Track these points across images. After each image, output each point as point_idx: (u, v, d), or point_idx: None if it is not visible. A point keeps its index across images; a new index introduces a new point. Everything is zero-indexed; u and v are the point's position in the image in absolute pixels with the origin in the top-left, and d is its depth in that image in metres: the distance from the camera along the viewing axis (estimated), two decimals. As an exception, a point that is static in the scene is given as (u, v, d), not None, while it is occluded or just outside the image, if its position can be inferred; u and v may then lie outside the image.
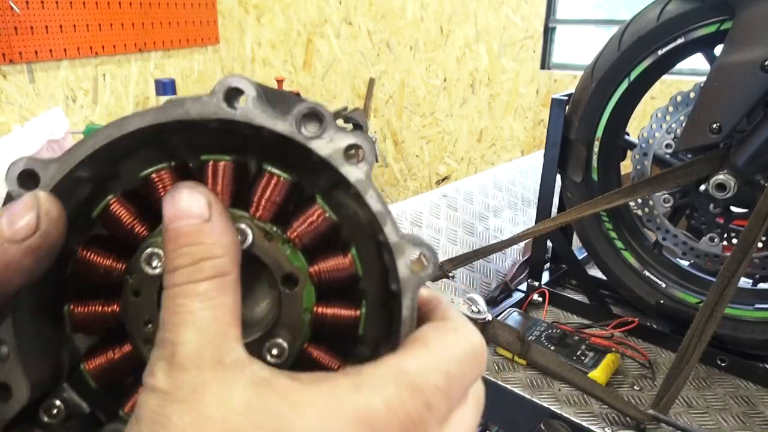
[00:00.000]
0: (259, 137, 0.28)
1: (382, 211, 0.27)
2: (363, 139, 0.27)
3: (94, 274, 0.29)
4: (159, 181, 0.29)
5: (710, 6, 1.05)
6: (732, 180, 1.05)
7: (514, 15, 2.93)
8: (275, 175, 0.29)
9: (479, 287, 1.38)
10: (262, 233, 0.28)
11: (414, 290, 0.27)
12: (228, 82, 0.26)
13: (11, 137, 2.16)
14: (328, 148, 0.27)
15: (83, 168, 0.27)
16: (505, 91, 3.04)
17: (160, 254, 0.28)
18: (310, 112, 0.27)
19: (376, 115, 3.40)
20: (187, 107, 0.26)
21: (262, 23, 3.54)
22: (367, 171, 0.27)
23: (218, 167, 0.29)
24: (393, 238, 0.27)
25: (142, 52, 2.92)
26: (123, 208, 0.29)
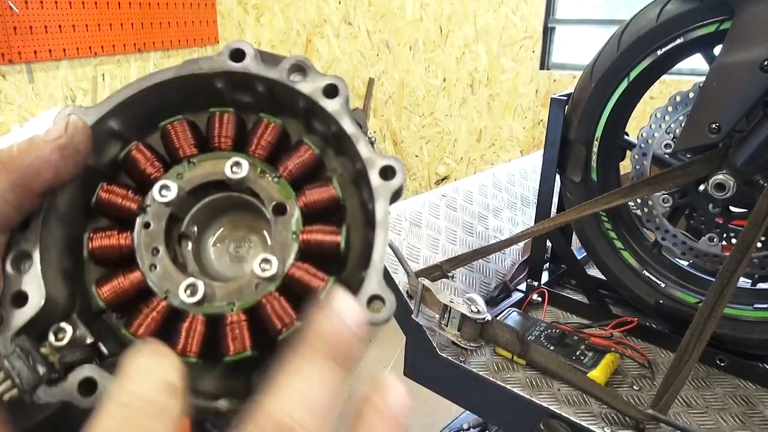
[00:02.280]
0: (257, 98, 0.34)
1: (355, 133, 0.32)
2: (338, 79, 0.32)
3: (111, 208, 0.34)
4: (173, 129, 0.34)
5: (709, 6, 1.05)
6: (731, 180, 1.06)
7: (514, 15, 2.93)
8: (269, 120, 0.34)
9: (479, 287, 1.38)
10: (256, 170, 0.33)
11: (385, 196, 0.30)
12: (232, 44, 0.33)
13: (10, 137, 2.16)
14: (309, 87, 0.32)
15: (115, 118, 0.33)
16: (505, 91, 3.04)
17: (171, 185, 0.32)
18: (297, 63, 0.32)
19: (376, 115, 3.40)
20: (201, 63, 0.33)
21: (262, 23, 3.54)
22: (342, 102, 0.32)
23: (223, 116, 0.34)
24: (365, 153, 0.31)
25: (142, 53, 2.92)
26: (140, 154, 0.34)
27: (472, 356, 1.15)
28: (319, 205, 0.33)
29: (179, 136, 0.34)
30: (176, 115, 0.35)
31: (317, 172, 0.34)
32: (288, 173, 0.33)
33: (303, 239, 0.32)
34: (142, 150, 0.34)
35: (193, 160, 0.34)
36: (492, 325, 1.11)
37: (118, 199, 0.33)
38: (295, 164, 0.33)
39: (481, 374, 1.10)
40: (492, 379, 1.09)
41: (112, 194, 0.34)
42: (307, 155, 0.34)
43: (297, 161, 0.33)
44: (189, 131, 0.34)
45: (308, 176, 0.34)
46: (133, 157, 0.34)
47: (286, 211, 0.32)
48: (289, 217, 0.32)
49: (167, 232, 0.33)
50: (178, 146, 0.34)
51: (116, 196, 0.33)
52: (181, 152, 0.34)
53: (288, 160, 0.33)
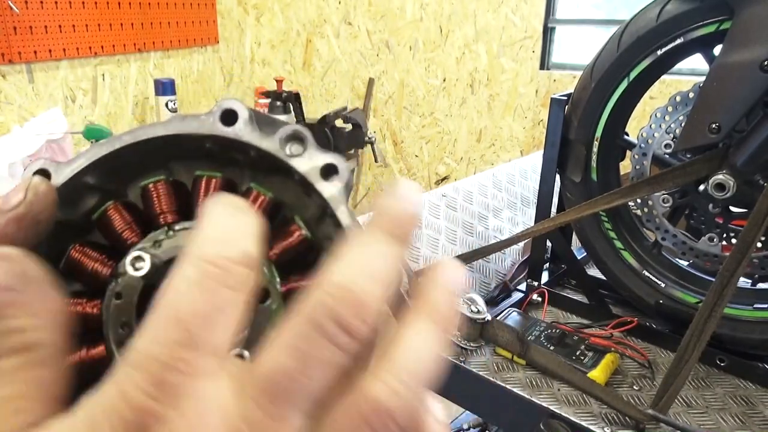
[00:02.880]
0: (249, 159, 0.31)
1: (349, 225, 0.29)
2: (339, 159, 0.30)
3: (82, 272, 0.31)
4: (155, 191, 0.32)
5: (709, 6, 1.05)
6: (731, 180, 1.06)
7: (514, 15, 2.93)
8: (259, 193, 0.32)
9: (478, 287, 1.38)
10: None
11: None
12: (224, 104, 0.30)
13: (10, 137, 2.16)
14: (306, 165, 0.30)
15: (91, 174, 0.31)
16: (505, 91, 3.04)
17: (145, 257, 0.30)
18: (294, 133, 0.30)
19: (376, 115, 3.40)
20: (189, 122, 0.30)
21: (262, 23, 3.54)
22: (340, 188, 0.29)
23: (210, 182, 0.32)
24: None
25: (142, 53, 2.92)
26: (118, 214, 0.32)
27: (472, 356, 1.15)
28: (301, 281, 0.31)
29: (160, 201, 0.32)
30: (159, 173, 0.33)
31: (306, 253, 0.32)
32: (275, 257, 0.31)
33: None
34: (120, 210, 0.32)
35: (174, 227, 0.32)
36: (492, 325, 1.11)
37: (90, 264, 0.31)
38: (283, 247, 0.31)
39: (481, 374, 1.10)
40: (492, 379, 1.09)
41: (84, 257, 0.31)
42: (296, 239, 0.32)
43: (285, 244, 0.31)
44: (171, 195, 0.32)
45: (296, 259, 0.31)
46: (109, 218, 0.32)
47: (268, 299, 0.30)
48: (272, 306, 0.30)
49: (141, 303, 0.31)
50: (159, 212, 0.32)
51: (87, 260, 0.31)
52: (162, 219, 0.32)
53: (276, 243, 0.31)
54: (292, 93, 2.69)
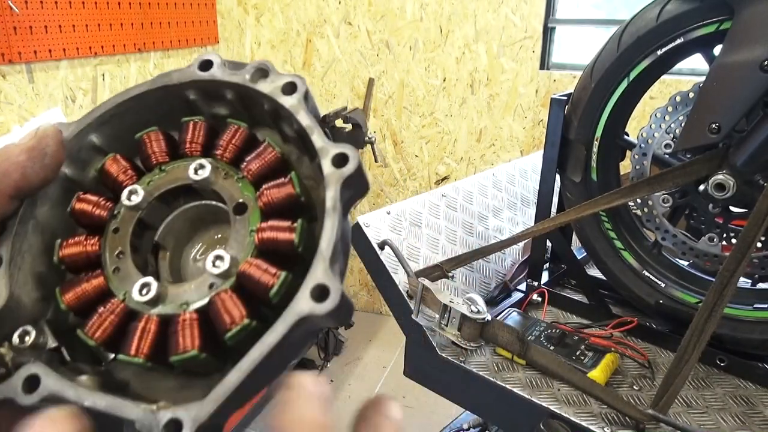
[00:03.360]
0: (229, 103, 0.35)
1: (310, 125, 0.32)
2: (297, 78, 0.33)
3: (85, 215, 0.34)
4: (147, 138, 0.35)
5: (709, 6, 1.05)
6: (731, 180, 1.05)
7: (514, 15, 2.92)
8: (235, 125, 0.35)
9: (479, 287, 1.38)
10: (220, 173, 0.34)
11: (336, 183, 0.30)
12: (202, 56, 0.35)
13: (10, 137, 2.16)
14: (269, 87, 0.33)
15: (96, 133, 0.35)
16: (505, 91, 3.04)
17: (138, 189, 0.33)
18: (259, 66, 0.34)
19: (376, 115, 3.40)
20: (171, 75, 0.35)
21: (262, 23, 3.54)
22: (299, 98, 0.33)
23: (195, 123, 0.36)
24: (318, 143, 0.32)
25: (142, 53, 2.92)
26: (115, 162, 0.35)
27: (472, 356, 1.15)
28: (278, 202, 0.33)
29: (152, 145, 0.35)
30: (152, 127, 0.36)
31: (281, 172, 0.34)
32: (250, 174, 0.34)
33: (258, 236, 0.32)
34: (118, 160, 0.35)
35: (164, 167, 0.35)
36: (492, 325, 1.11)
37: (90, 207, 0.34)
38: (257, 164, 0.34)
39: (481, 374, 1.10)
40: (492, 379, 1.09)
41: (85, 202, 0.34)
42: (269, 156, 0.34)
43: (259, 161, 0.34)
44: (162, 140, 0.35)
45: (271, 176, 0.34)
46: (108, 166, 0.35)
47: (246, 210, 0.33)
48: (248, 216, 0.33)
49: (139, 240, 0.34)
50: (150, 153, 0.35)
51: (89, 204, 0.34)
52: (153, 159, 0.35)
53: (250, 161, 0.34)
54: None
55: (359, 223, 1.25)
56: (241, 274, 0.30)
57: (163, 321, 0.30)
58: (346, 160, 0.31)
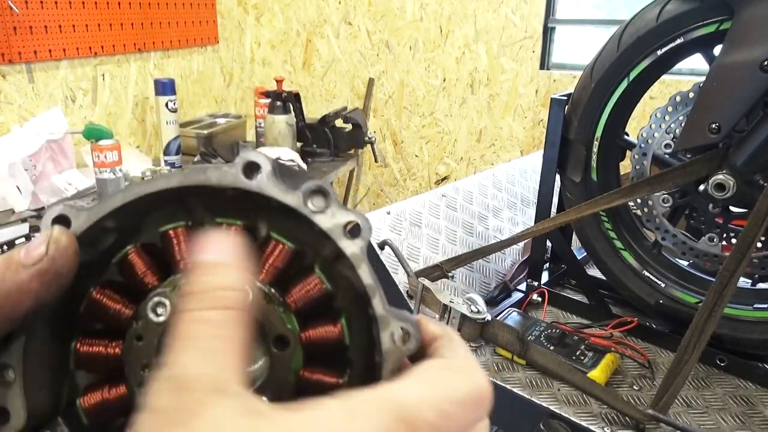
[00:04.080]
0: (270, 207, 0.31)
1: (372, 285, 0.29)
2: (361, 217, 0.30)
3: (104, 315, 0.32)
4: (175, 237, 0.32)
5: (709, 6, 1.05)
6: (731, 180, 1.05)
7: (514, 15, 2.92)
8: (280, 243, 0.32)
9: (479, 287, 1.38)
10: (261, 295, 0.31)
11: (394, 362, 0.28)
12: (247, 156, 0.30)
13: (10, 137, 2.15)
14: (330, 222, 0.30)
15: (110, 219, 0.31)
16: (505, 91, 3.04)
17: (166, 304, 0.30)
18: (317, 189, 0.30)
19: (376, 115, 3.39)
20: (209, 174, 0.30)
21: (262, 23, 3.54)
22: (362, 246, 0.30)
23: (230, 230, 0.32)
24: (380, 310, 0.29)
25: (142, 52, 2.92)
26: (139, 258, 0.32)
27: (472, 356, 1.15)
28: (324, 345, 0.31)
29: (180, 247, 0.32)
30: (178, 215, 0.33)
31: (325, 306, 0.32)
32: (294, 304, 0.31)
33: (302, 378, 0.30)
34: (140, 255, 0.32)
35: None
36: (492, 325, 1.11)
37: (112, 306, 0.32)
38: (302, 297, 0.31)
39: (481, 374, 1.10)
40: (492, 379, 1.09)
41: (106, 299, 0.32)
42: (316, 288, 0.32)
43: (305, 295, 0.31)
44: (190, 240, 0.32)
45: (315, 310, 0.32)
46: (130, 262, 0.32)
47: (288, 346, 0.31)
48: (291, 354, 0.30)
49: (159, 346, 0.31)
50: (179, 258, 0.32)
51: (110, 302, 0.32)
52: (182, 264, 0.32)
53: (296, 290, 0.31)
54: (292, 93, 2.69)
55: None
56: None
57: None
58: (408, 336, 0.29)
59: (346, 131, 2.82)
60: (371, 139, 2.79)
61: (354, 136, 2.80)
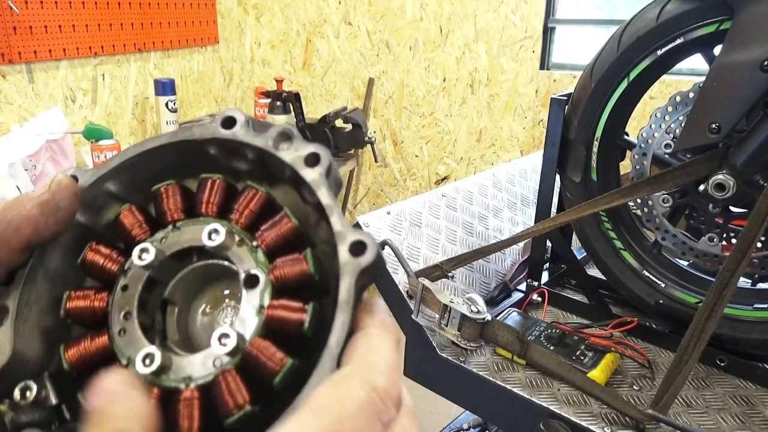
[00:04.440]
0: (249, 168, 0.34)
1: (330, 204, 0.31)
2: (321, 149, 0.32)
3: (96, 268, 0.34)
4: (164, 192, 0.35)
5: (709, 6, 1.05)
6: (731, 180, 1.05)
7: (514, 15, 2.92)
8: (254, 188, 0.34)
9: (478, 287, 1.38)
10: (234, 239, 0.33)
11: (352, 274, 0.29)
12: (226, 112, 0.34)
13: (10, 137, 2.16)
14: (292, 155, 0.32)
15: (113, 181, 0.35)
16: (505, 91, 3.04)
17: (150, 248, 0.32)
18: (282, 131, 0.33)
19: (376, 115, 3.40)
20: (193, 130, 0.34)
21: (262, 23, 3.54)
22: (321, 172, 0.31)
23: (213, 182, 0.35)
24: (337, 227, 0.30)
25: (142, 52, 2.92)
26: (131, 214, 0.35)
27: (472, 356, 1.15)
28: (291, 279, 0.31)
29: (168, 201, 0.34)
30: (171, 180, 0.35)
31: (296, 244, 0.33)
32: (265, 244, 0.33)
33: (267, 314, 0.30)
34: (133, 212, 0.35)
35: (178, 224, 0.34)
36: (492, 325, 1.11)
37: (101, 260, 0.33)
38: (272, 236, 0.33)
39: (481, 374, 1.10)
40: (492, 379, 1.09)
41: (97, 254, 0.34)
42: (285, 227, 0.33)
43: (275, 232, 0.33)
44: (179, 196, 0.35)
45: (286, 248, 0.33)
46: (122, 219, 0.35)
47: (258, 283, 0.31)
48: (259, 290, 0.31)
49: (148, 297, 0.33)
50: (166, 210, 0.34)
51: (100, 257, 0.34)
52: (168, 216, 0.34)
53: (266, 231, 0.33)
54: (292, 93, 2.69)
55: (359, 223, 1.25)
56: (247, 355, 0.30)
57: (164, 394, 0.30)
58: (364, 248, 0.29)
59: (346, 131, 2.82)
60: (371, 139, 2.79)
61: (354, 136, 2.80)
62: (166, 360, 0.30)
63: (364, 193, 3.60)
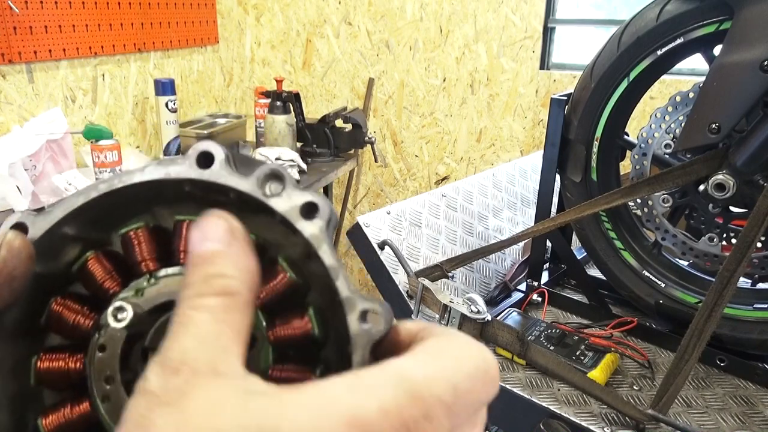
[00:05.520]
0: (231, 200, 0.30)
1: (334, 265, 0.27)
2: (319, 197, 0.28)
3: (64, 327, 0.30)
4: (135, 238, 0.31)
5: (709, 6, 1.05)
6: (731, 180, 1.05)
7: (514, 15, 2.92)
8: None
9: (478, 287, 1.38)
10: None
11: (365, 347, 0.26)
12: (200, 146, 0.29)
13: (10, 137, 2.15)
14: (286, 205, 0.28)
15: (69, 224, 0.30)
16: (505, 91, 3.04)
17: (126, 307, 0.28)
18: (271, 173, 0.29)
19: (376, 115, 3.39)
20: (169, 169, 0.29)
21: (262, 23, 3.54)
22: (321, 226, 0.28)
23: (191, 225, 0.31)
24: (344, 292, 0.27)
25: (142, 52, 2.92)
26: (99, 264, 0.31)
27: (472, 356, 1.15)
28: (292, 340, 0.29)
29: (141, 248, 0.31)
30: (139, 219, 0.32)
31: (293, 298, 0.30)
32: (259, 301, 0.29)
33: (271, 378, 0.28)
34: (101, 261, 0.31)
35: (156, 274, 0.30)
36: (492, 325, 1.11)
37: (71, 317, 0.30)
38: (267, 291, 0.30)
39: (481, 374, 1.10)
40: (492, 379, 1.09)
41: (65, 310, 0.30)
42: (281, 282, 0.30)
43: (270, 288, 0.30)
44: (152, 241, 0.31)
45: (283, 303, 0.30)
46: (89, 268, 0.31)
47: (255, 344, 0.29)
48: (258, 352, 0.29)
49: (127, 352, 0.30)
50: (140, 260, 0.31)
51: (69, 313, 0.30)
52: (143, 267, 0.31)
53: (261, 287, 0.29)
54: (292, 93, 2.69)
55: (359, 223, 1.25)
56: None
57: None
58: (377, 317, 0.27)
59: (346, 131, 2.82)
60: (371, 139, 2.79)
61: (354, 136, 2.80)
62: None
63: (364, 193, 3.60)
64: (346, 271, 0.28)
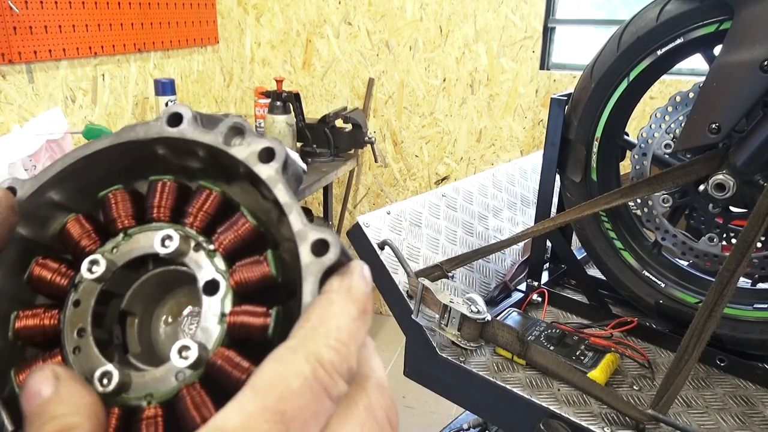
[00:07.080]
0: (202, 166, 0.32)
1: (288, 202, 0.29)
2: (276, 143, 0.30)
3: (43, 284, 0.32)
4: (112, 198, 0.33)
5: (709, 6, 1.05)
6: (731, 180, 1.05)
7: (514, 15, 2.92)
8: (207, 188, 0.33)
9: (478, 287, 1.38)
10: (190, 244, 0.31)
11: (315, 275, 0.27)
12: (171, 108, 0.31)
13: (10, 137, 2.15)
14: (245, 152, 0.30)
15: (55, 189, 0.32)
16: (505, 91, 3.04)
17: (100, 260, 0.30)
18: (234, 125, 0.31)
19: (376, 115, 3.39)
20: (137, 130, 0.31)
21: (262, 23, 3.54)
22: (277, 168, 0.30)
23: (164, 184, 0.33)
24: (297, 225, 0.28)
25: (142, 53, 2.92)
26: (78, 224, 0.33)
27: (472, 356, 1.15)
28: (252, 283, 0.30)
29: (116, 207, 0.32)
30: (118, 184, 0.33)
31: (257, 245, 0.31)
32: (222, 247, 0.31)
33: (229, 322, 0.29)
34: (80, 221, 0.33)
35: (129, 232, 0.32)
36: (492, 325, 1.11)
37: (49, 275, 0.31)
38: (229, 237, 0.31)
39: (481, 374, 1.10)
40: (492, 379, 1.09)
41: (44, 269, 0.32)
42: (243, 228, 0.31)
43: (232, 234, 0.31)
44: (128, 201, 0.33)
45: (245, 250, 0.31)
46: (68, 229, 0.32)
47: (218, 290, 0.30)
48: (219, 297, 0.30)
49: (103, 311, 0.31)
50: (115, 217, 0.32)
51: (47, 271, 0.32)
52: (118, 224, 0.32)
53: (222, 233, 0.31)
54: (292, 93, 2.69)
55: (359, 223, 1.25)
56: (211, 366, 0.28)
57: (125, 412, 0.28)
58: (327, 247, 0.27)
59: (346, 131, 2.82)
60: (371, 139, 2.79)
61: (354, 136, 2.80)
62: (125, 377, 0.29)
63: (364, 193, 3.60)
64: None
